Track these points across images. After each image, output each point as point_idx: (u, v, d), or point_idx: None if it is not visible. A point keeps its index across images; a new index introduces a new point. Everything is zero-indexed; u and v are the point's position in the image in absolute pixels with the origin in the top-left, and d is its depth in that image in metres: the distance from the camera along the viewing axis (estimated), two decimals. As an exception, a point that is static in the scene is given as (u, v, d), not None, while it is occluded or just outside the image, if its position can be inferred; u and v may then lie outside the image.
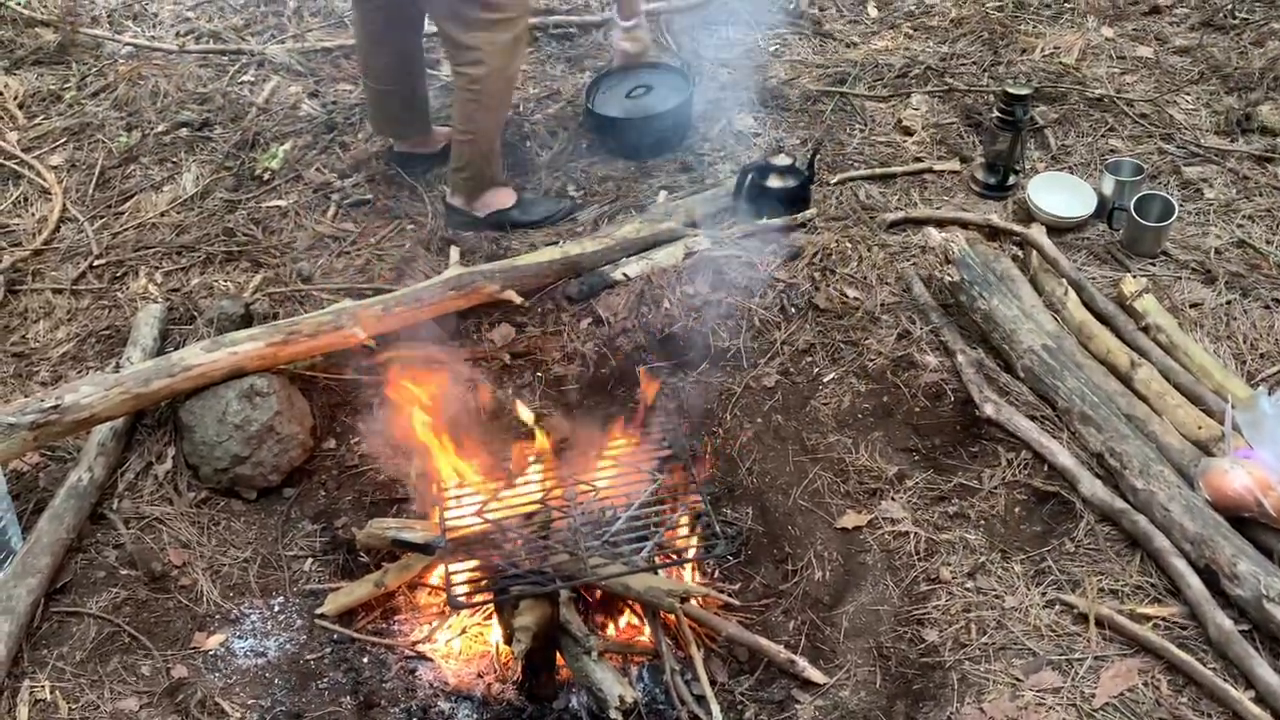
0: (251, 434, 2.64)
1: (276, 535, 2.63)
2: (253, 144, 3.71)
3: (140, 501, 2.60)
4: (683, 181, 3.48)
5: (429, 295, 2.91)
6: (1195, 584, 2.25)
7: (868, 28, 4.25)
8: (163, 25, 4.30)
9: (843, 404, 2.82)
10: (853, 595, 2.47)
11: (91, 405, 2.51)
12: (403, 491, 2.76)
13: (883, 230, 3.25)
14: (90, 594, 2.40)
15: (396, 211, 3.42)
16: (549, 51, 4.15)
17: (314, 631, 2.42)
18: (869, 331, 2.94)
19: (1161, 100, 3.73)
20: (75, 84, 4.00)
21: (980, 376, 2.76)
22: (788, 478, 2.72)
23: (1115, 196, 3.25)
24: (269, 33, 4.26)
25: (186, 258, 3.28)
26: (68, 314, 3.12)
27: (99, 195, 3.53)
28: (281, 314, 3.02)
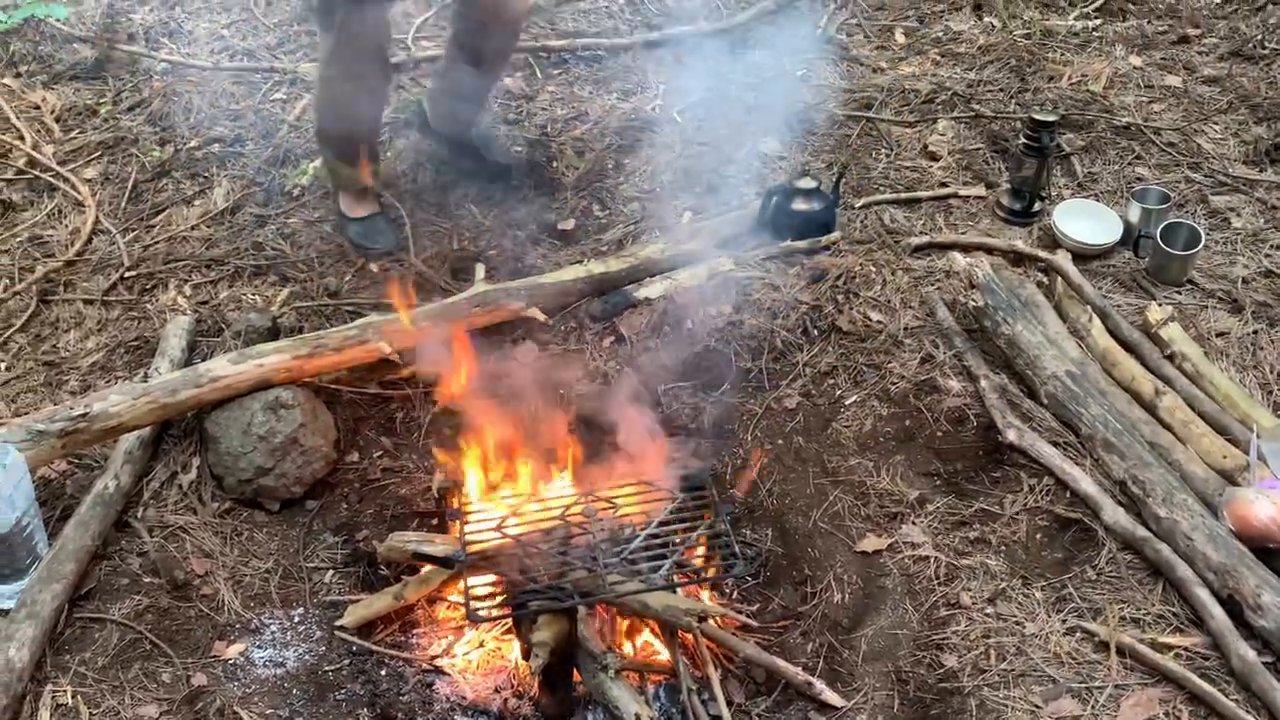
0: (276, 446, 2.66)
1: (298, 547, 2.65)
2: (283, 160, 3.75)
3: (165, 510, 2.62)
4: (708, 203, 3.49)
5: (454, 311, 2.93)
6: (1218, 614, 2.23)
7: (895, 53, 4.26)
8: (198, 43, 4.36)
9: (864, 427, 2.82)
10: (872, 618, 2.46)
11: (119, 414, 2.54)
12: (424, 505, 2.77)
13: (907, 254, 3.25)
14: (113, 601, 2.42)
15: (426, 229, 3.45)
16: (577, 73, 4.19)
17: (333, 643, 2.43)
18: (892, 355, 2.94)
19: (1189, 129, 3.72)
20: (111, 99, 4.06)
21: (1003, 402, 2.75)
22: (808, 499, 2.72)
23: (1141, 224, 3.24)
24: (301, 51, 4.31)
25: (215, 271, 3.32)
26: (98, 324, 3.16)
27: (131, 208, 3.58)
28: (308, 328, 3.05)
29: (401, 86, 4.11)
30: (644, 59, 4.24)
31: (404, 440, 2.92)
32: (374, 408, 2.95)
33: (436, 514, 2.72)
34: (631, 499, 2.48)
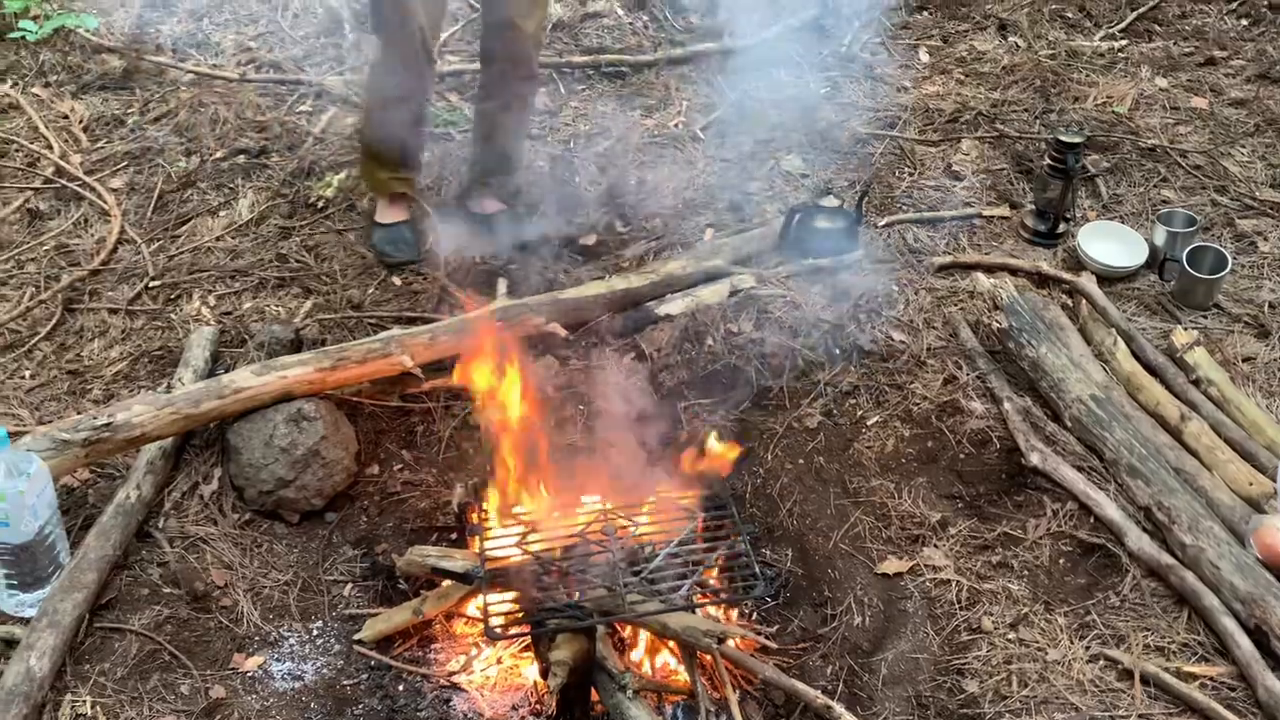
0: (297, 458, 2.67)
1: (317, 559, 2.65)
2: (308, 172, 3.77)
3: (186, 521, 2.63)
4: (730, 220, 3.49)
5: (476, 325, 2.93)
6: (1245, 644, 2.21)
7: (919, 72, 4.26)
8: (224, 54, 4.40)
9: (886, 448, 2.81)
10: (892, 642, 2.44)
11: (143, 424, 2.55)
12: (443, 519, 2.77)
13: (930, 274, 3.24)
14: (133, 611, 2.43)
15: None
16: (601, 90, 4.20)
17: (351, 657, 2.43)
18: (914, 375, 2.93)
19: (1216, 152, 3.70)
20: (138, 109, 4.09)
21: (1027, 425, 2.74)
22: (828, 520, 2.70)
23: (1167, 247, 3.22)
24: (327, 64, 4.34)
25: (239, 282, 3.34)
26: (122, 333, 3.17)
27: (156, 218, 3.60)
28: (330, 340, 3.06)
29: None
30: (667, 75, 4.25)
31: (424, 454, 2.92)
32: (395, 421, 2.95)
33: (456, 529, 2.72)
34: (651, 517, 2.47)
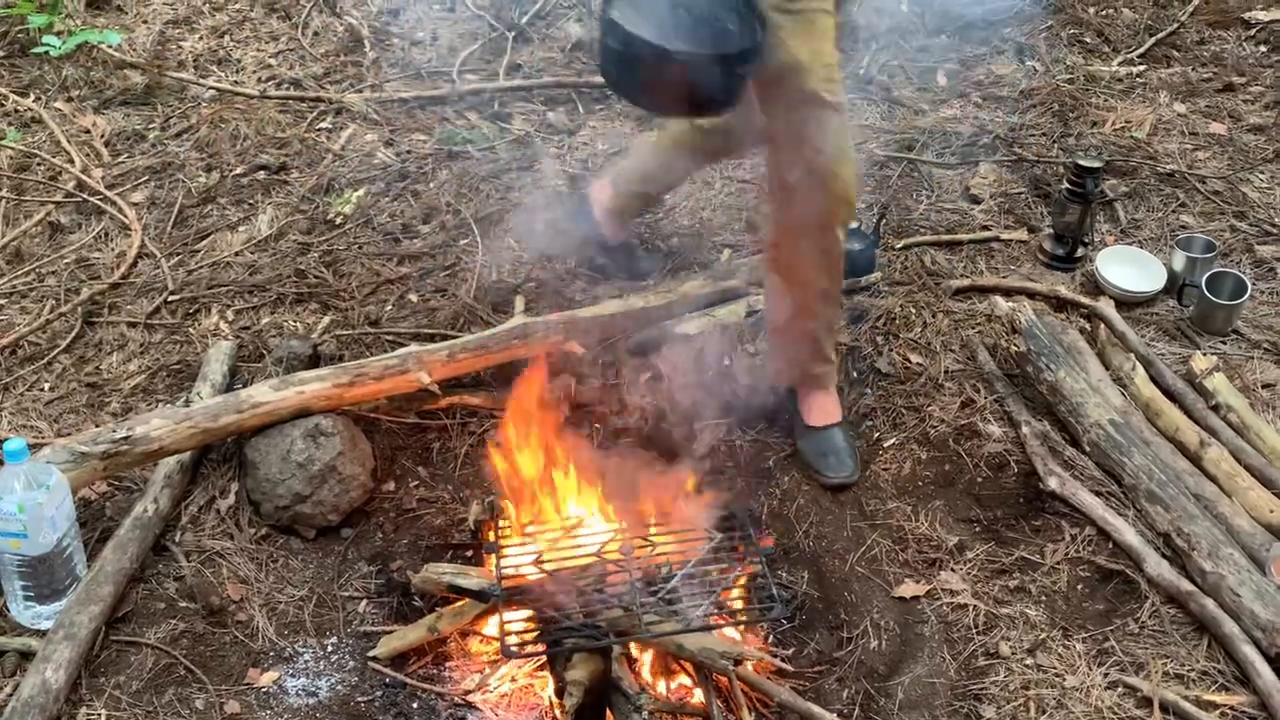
0: (314, 473, 2.67)
1: (333, 575, 2.64)
2: (327, 189, 3.79)
3: (202, 535, 2.63)
4: (747, 241, 3.50)
5: (494, 343, 2.94)
6: (1266, 673, 2.19)
7: (937, 95, 4.27)
8: (245, 71, 4.43)
9: (903, 470, 2.80)
10: (909, 666, 2.43)
11: (161, 438, 2.56)
12: (458, 537, 2.77)
13: (948, 297, 3.24)
14: (149, 624, 2.43)
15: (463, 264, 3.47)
16: (619, 109, 4.21)
17: (366, 673, 2.43)
18: (932, 398, 2.92)
19: (1235, 177, 3.70)
20: (159, 125, 4.12)
21: (1045, 449, 2.73)
22: (845, 542, 2.69)
23: (1186, 273, 3.22)
24: (348, 82, 4.37)
25: (258, 297, 3.35)
26: (141, 347, 3.19)
27: (176, 233, 3.62)
28: (348, 356, 3.07)
29: (445, 119, 4.15)
30: (686, 96, 4.25)
31: (440, 471, 2.92)
32: (411, 437, 2.96)
33: (472, 546, 2.72)
34: (669, 537, 2.46)
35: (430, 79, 4.37)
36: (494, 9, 4.73)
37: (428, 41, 4.61)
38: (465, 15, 4.74)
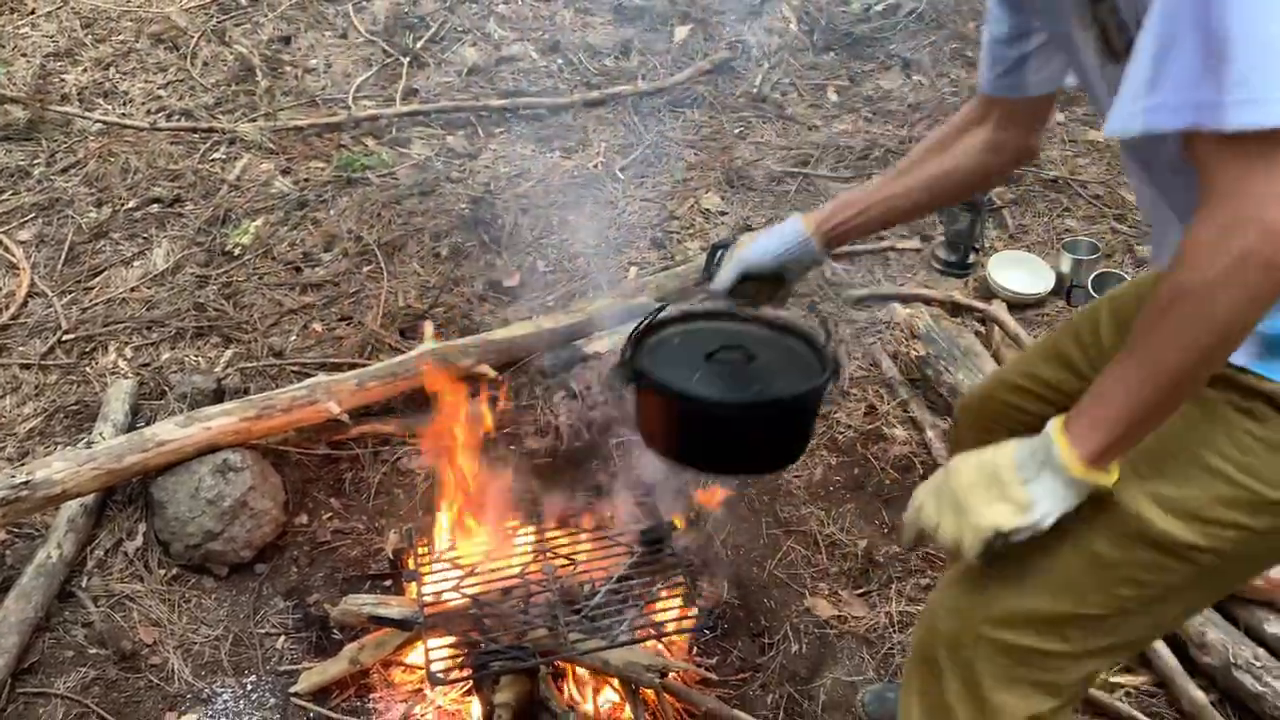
0: (224, 509, 2.62)
1: (249, 612, 2.60)
2: (224, 220, 3.73)
3: (110, 579, 2.56)
4: (652, 258, 3.54)
5: (404, 369, 2.93)
6: (1165, 654, 2.29)
7: (828, 111, 4.38)
8: (134, 103, 4.33)
9: (814, 476, 2.86)
10: (829, 668, 2.48)
11: (63, 481, 2.48)
12: (376, 567, 2.74)
13: (849, 306, 3.33)
14: (58, 674, 2.36)
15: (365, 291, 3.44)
16: (519, 132, 4.23)
17: (288, 710, 2.38)
18: (838, 405, 2.99)
19: (1114, 181, 3.87)
20: (44, 160, 4.01)
21: (949, 450, 2.81)
22: (761, 550, 2.74)
23: (1073, 274, 3.36)
24: (240, 111, 4.30)
25: (157, 333, 3.28)
26: (35, 389, 3.09)
27: (68, 270, 3.52)
28: (253, 388, 3.02)
29: (343, 146, 4.11)
30: (584, 117, 4.30)
31: (354, 501, 2.89)
32: (323, 469, 2.92)
33: (390, 575, 2.69)
34: (590, 554, 2.48)
35: (325, 106, 4.34)
36: (387, 34, 4.72)
37: (321, 69, 4.57)
38: (358, 41, 4.71)
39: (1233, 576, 1.42)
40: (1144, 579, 1.33)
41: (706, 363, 1.80)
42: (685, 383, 1.75)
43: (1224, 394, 1.28)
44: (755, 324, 1.95)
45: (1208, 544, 1.29)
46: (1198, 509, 1.28)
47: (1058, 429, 1.26)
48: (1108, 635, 1.37)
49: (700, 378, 1.78)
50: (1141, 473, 1.30)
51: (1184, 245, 1.12)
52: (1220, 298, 1.09)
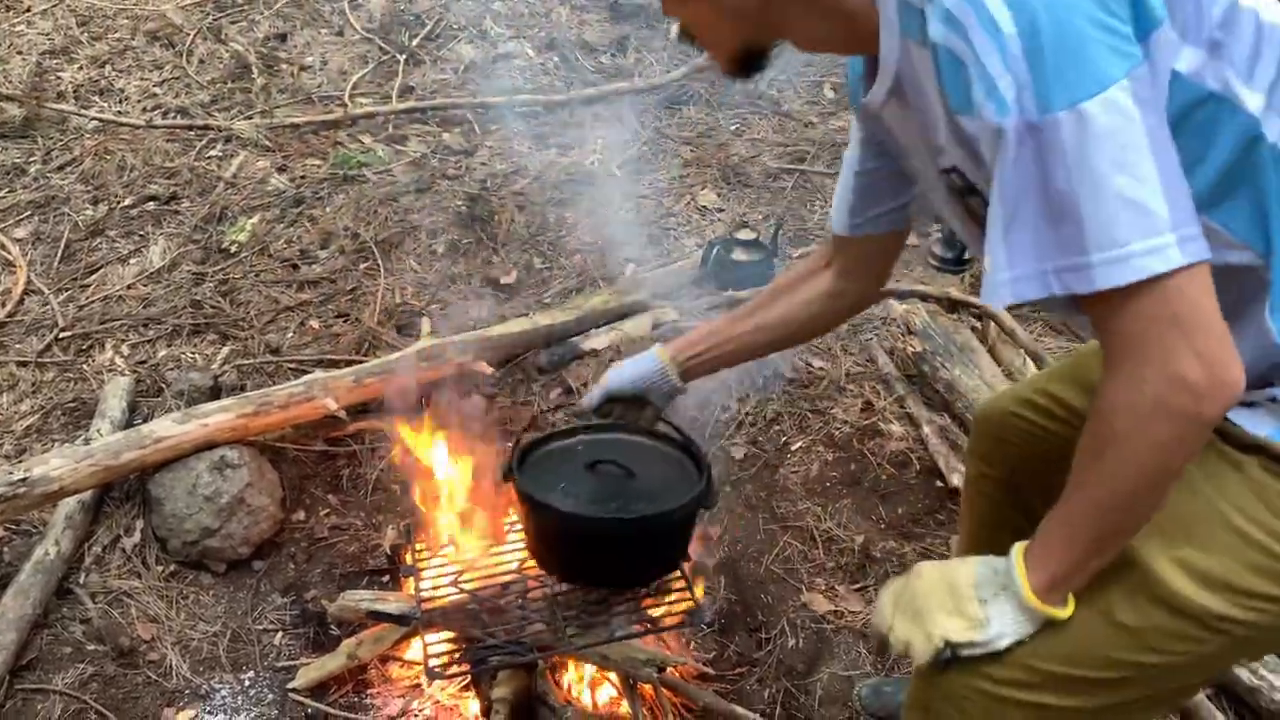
0: (222, 506, 2.62)
1: (246, 608, 2.60)
2: (220, 217, 3.73)
3: (108, 575, 2.56)
4: (649, 255, 3.55)
5: (400, 366, 2.93)
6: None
7: (824, 108, 4.39)
8: (129, 101, 4.33)
9: (811, 472, 2.87)
10: (826, 663, 2.48)
11: (60, 478, 2.49)
12: (373, 562, 2.74)
13: (845, 302, 3.33)
14: (56, 670, 2.36)
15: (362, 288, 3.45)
16: (516, 129, 4.23)
17: (286, 706, 2.39)
18: (835, 401, 3.00)
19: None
20: (40, 158, 4.01)
21: (946, 446, 2.82)
22: (759, 546, 2.74)
23: (1068, 270, 3.36)
24: (236, 109, 4.30)
25: (153, 330, 3.28)
26: (32, 387, 3.09)
27: (64, 268, 3.52)
28: (250, 385, 3.02)
29: (339, 143, 4.11)
30: (581, 114, 4.30)
31: (350, 497, 2.90)
32: (320, 465, 2.92)
33: (387, 571, 2.70)
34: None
35: (322, 103, 4.34)
36: (383, 32, 4.72)
37: (317, 66, 4.57)
38: (354, 38, 4.72)
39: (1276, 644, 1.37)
40: (1170, 647, 1.26)
41: (587, 472, 1.90)
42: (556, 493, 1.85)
43: (1256, 458, 1.25)
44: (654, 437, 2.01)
45: (1243, 616, 1.23)
46: (1227, 577, 1.23)
47: (1019, 555, 1.25)
48: (1131, 693, 1.31)
49: (566, 488, 1.88)
50: (1167, 534, 1.25)
51: (1099, 400, 1.12)
52: (1141, 449, 1.10)
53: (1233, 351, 1.07)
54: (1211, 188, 1.15)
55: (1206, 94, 1.13)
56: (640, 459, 1.94)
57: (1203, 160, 1.14)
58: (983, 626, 1.25)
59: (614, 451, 1.93)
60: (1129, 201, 1.03)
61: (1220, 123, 1.14)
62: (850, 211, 1.63)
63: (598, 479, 1.90)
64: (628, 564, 1.93)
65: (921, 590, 1.30)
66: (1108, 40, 1.04)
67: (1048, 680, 1.29)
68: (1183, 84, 1.12)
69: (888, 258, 1.73)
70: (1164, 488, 1.14)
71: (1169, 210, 1.04)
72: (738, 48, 1.34)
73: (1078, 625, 1.27)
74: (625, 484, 1.89)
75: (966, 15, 1.07)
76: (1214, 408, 1.07)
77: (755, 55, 1.35)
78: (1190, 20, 1.13)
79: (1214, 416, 1.07)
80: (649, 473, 1.93)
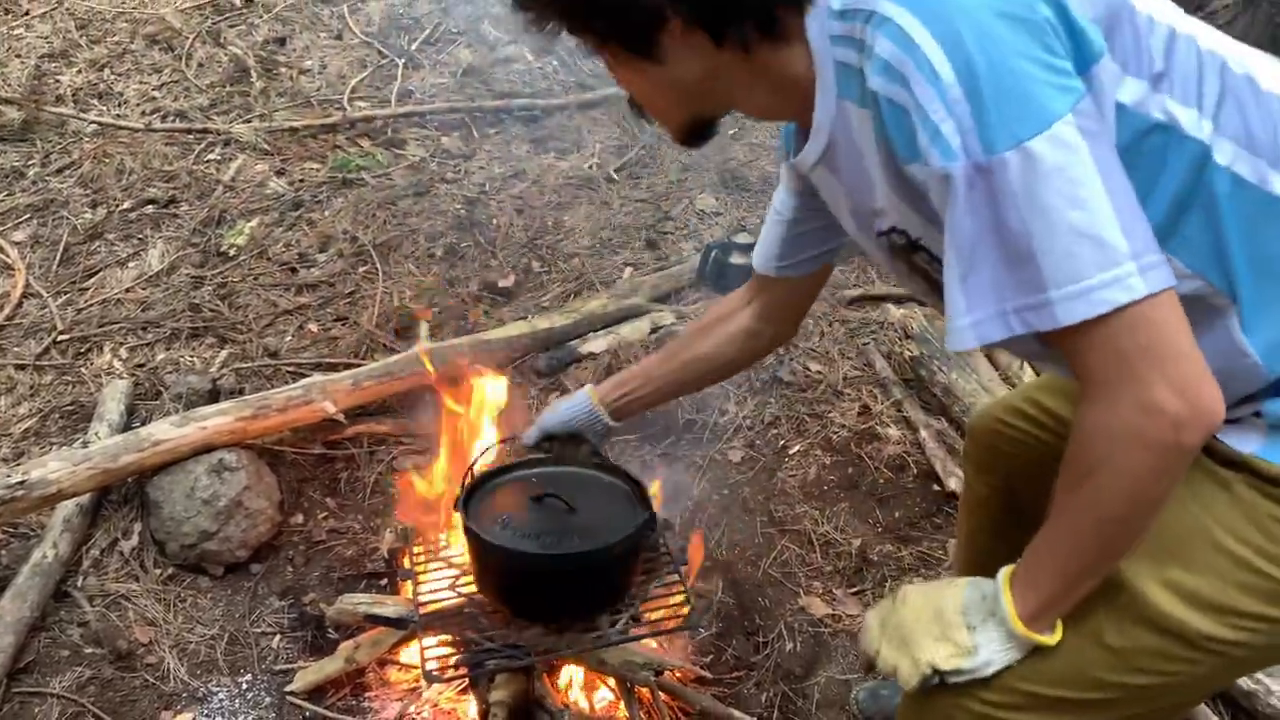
0: (220, 509, 2.62)
1: (244, 612, 2.60)
2: (219, 221, 3.73)
3: (106, 578, 2.56)
4: (647, 258, 3.55)
5: (399, 369, 2.93)
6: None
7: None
8: (128, 104, 4.33)
9: (809, 475, 2.87)
10: (823, 666, 2.49)
11: (59, 481, 2.49)
12: (371, 566, 2.74)
13: (843, 306, 3.34)
14: (54, 673, 2.36)
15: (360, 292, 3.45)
16: (514, 133, 4.24)
17: (284, 709, 2.39)
18: (833, 404, 3.00)
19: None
20: (39, 161, 4.01)
21: (943, 450, 2.83)
22: (756, 549, 2.75)
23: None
24: (235, 112, 4.31)
25: (152, 333, 3.28)
26: (30, 390, 3.09)
27: (63, 271, 3.53)
28: (248, 389, 3.02)
29: (337, 147, 4.12)
30: (579, 118, 4.31)
31: (349, 501, 2.90)
32: (318, 468, 2.93)
33: (385, 574, 2.70)
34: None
35: (320, 107, 4.34)
36: (382, 36, 4.73)
37: (316, 70, 4.58)
38: (353, 42, 4.72)
39: (1273, 661, 1.34)
40: (1160, 668, 1.25)
41: (533, 505, 1.97)
42: (496, 526, 1.92)
43: (1242, 475, 1.24)
44: (606, 471, 2.07)
45: (1234, 636, 1.21)
46: (1218, 598, 1.21)
47: (1006, 581, 1.24)
48: (1123, 713, 1.30)
49: (507, 521, 1.94)
50: (1154, 554, 1.23)
51: (1077, 429, 1.12)
52: (1121, 479, 1.09)
53: (1208, 376, 1.06)
54: (1161, 218, 1.14)
55: (1152, 124, 1.13)
56: (589, 492, 2.00)
57: (1153, 190, 1.14)
58: (970, 654, 1.25)
59: (564, 485, 1.99)
60: (1084, 235, 1.02)
61: (1168, 151, 1.14)
62: (778, 255, 1.65)
63: (542, 512, 1.95)
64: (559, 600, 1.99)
65: (908, 616, 1.30)
66: (1048, 77, 1.04)
67: (1037, 702, 1.28)
68: (1128, 115, 1.12)
69: (807, 298, 1.77)
70: (1148, 516, 1.13)
71: (1126, 240, 1.03)
72: (685, 120, 1.35)
73: (1066, 647, 1.26)
74: (566, 518, 1.95)
75: (904, 64, 1.07)
76: (1193, 435, 1.06)
77: (704, 124, 1.36)
78: (1130, 51, 1.13)
79: (1194, 444, 1.07)
80: (594, 506, 1.98)
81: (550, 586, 1.93)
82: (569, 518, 1.95)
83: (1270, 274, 1.16)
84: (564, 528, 1.93)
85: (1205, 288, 1.17)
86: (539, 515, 1.96)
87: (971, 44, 1.04)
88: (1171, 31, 1.17)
